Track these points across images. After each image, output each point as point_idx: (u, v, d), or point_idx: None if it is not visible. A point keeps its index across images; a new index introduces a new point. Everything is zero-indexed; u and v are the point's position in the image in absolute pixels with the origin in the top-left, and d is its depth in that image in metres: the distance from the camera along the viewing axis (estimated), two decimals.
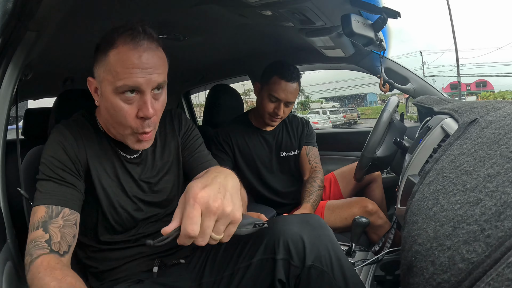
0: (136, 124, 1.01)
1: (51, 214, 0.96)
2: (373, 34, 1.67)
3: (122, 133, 1.05)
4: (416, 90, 2.12)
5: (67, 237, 0.97)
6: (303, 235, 1.00)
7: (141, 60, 0.96)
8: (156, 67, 0.99)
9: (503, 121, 0.68)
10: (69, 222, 0.98)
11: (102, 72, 0.99)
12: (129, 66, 0.95)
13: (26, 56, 1.13)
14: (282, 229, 1.03)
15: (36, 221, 0.94)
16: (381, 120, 1.66)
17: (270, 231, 1.04)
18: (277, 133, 2.09)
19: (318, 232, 1.03)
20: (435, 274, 0.49)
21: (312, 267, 0.98)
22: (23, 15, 1.01)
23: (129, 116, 1.00)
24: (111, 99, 0.98)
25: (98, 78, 1.02)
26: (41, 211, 0.95)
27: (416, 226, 0.64)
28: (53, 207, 0.97)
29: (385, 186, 2.29)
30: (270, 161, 2.06)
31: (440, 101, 1.45)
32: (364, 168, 1.70)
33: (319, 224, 1.06)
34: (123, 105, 0.98)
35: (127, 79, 0.95)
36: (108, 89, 0.98)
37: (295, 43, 2.29)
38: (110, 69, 0.96)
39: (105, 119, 1.09)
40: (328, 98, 43.14)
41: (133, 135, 1.05)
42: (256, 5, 1.43)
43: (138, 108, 1.00)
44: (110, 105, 0.99)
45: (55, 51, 1.80)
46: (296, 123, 2.17)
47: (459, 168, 0.65)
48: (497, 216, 0.45)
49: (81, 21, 1.52)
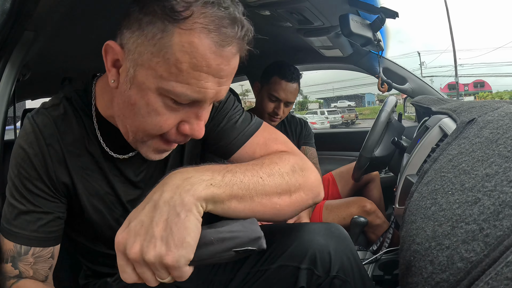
0: (170, 134, 0.74)
1: (19, 251, 0.81)
2: (371, 34, 1.68)
3: (141, 139, 0.76)
4: (414, 90, 2.13)
5: (41, 271, 0.84)
6: (329, 246, 0.98)
7: (222, 67, 0.67)
8: (229, 78, 0.73)
9: (501, 120, 0.68)
10: (42, 258, 0.84)
11: (149, 53, 0.65)
12: (204, 71, 0.65)
13: (24, 56, 1.12)
14: (309, 239, 0.99)
15: (5, 253, 0.81)
16: (379, 120, 1.66)
17: (296, 240, 1.01)
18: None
19: (342, 243, 1.01)
20: (434, 274, 0.49)
21: (336, 277, 0.96)
22: (20, 14, 1.01)
23: (167, 126, 0.71)
24: (149, 97, 0.68)
25: (132, 54, 0.68)
26: (9, 244, 0.81)
27: (414, 225, 0.64)
28: (21, 246, 0.81)
29: (383, 186, 2.29)
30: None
31: (438, 101, 1.45)
32: (362, 168, 1.71)
33: (343, 235, 1.02)
34: (165, 111, 0.69)
35: (192, 89, 0.66)
36: (152, 82, 0.66)
37: (293, 43, 2.29)
38: (169, 59, 0.63)
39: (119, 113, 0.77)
40: (329, 99, 43.18)
41: (154, 141, 0.76)
42: (254, 5, 1.43)
43: (182, 119, 0.72)
44: (144, 103, 0.69)
45: (53, 51, 1.79)
46: (294, 123, 2.18)
47: (457, 167, 0.65)
48: (495, 215, 0.45)
49: (79, 21, 1.52)
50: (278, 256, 0.99)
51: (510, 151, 0.54)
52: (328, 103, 41.92)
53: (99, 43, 1.01)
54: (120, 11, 0.82)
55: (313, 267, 0.96)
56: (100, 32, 1.75)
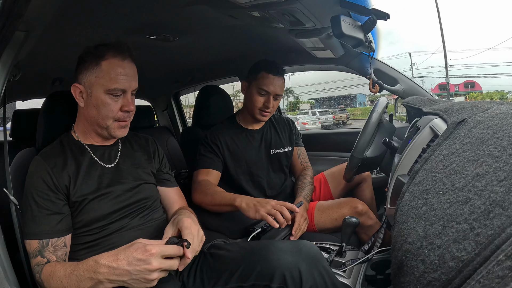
0: (119, 115, 1.26)
1: (43, 245, 1.14)
2: (363, 35, 1.68)
3: (106, 125, 1.26)
4: (405, 91, 2.14)
5: (60, 256, 1.16)
6: (299, 265, 1.06)
7: (126, 71, 1.24)
8: (134, 76, 1.29)
9: (491, 121, 0.69)
10: (58, 247, 1.16)
11: (94, 77, 1.21)
12: (119, 74, 1.22)
13: (15, 57, 1.11)
14: (276, 258, 1.09)
15: (33, 251, 1.14)
16: (370, 121, 1.66)
17: (264, 260, 1.11)
18: (264, 132, 2.12)
19: (312, 261, 1.09)
20: (425, 273, 0.50)
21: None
22: (11, 15, 1.00)
23: (115, 109, 1.25)
24: (102, 97, 1.22)
25: (87, 83, 1.22)
26: (34, 244, 1.14)
27: (406, 225, 0.64)
28: (43, 241, 1.14)
29: (375, 186, 2.30)
30: (260, 159, 2.07)
31: (429, 102, 1.46)
32: (353, 169, 1.71)
33: (313, 252, 1.12)
34: (111, 101, 1.23)
35: (118, 84, 1.22)
36: (100, 90, 1.21)
37: (285, 44, 2.29)
38: (104, 75, 1.20)
39: (90, 119, 1.28)
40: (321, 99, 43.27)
41: (115, 123, 1.27)
42: (246, 6, 1.43)
43: (122, 104, 1.25)
44: (101, 102, 1.22)
45: (44, 52, 1.78)
46: (282, 122, 2.22)
47: (448, 167, 0.66)
48: (486, 215, 0.45)
49: (70, 21, 1.51)
50: (248, 275, 1.11)
51: (500, 151, 0.55)
52: (319, 104, 42.06)
53: (90, 44, 1.02)
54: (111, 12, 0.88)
55: (284, 286, 1.05)
56: (91, 33, 1.74)
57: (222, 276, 1.17)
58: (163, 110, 3.83)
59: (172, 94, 3.70)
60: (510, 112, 0.71)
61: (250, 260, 1.12)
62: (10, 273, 1.07)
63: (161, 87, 3.51)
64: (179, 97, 3.84)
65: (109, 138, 1.34)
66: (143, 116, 3.33)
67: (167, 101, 3.74)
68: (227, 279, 1.15)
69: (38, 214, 1.15)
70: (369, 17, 1.62)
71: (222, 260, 1.23)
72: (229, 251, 1.26)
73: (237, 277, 1.13)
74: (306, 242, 1.16)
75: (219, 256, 1.25)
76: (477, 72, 66.46)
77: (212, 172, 1.90)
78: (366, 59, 2.13)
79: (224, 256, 1.25)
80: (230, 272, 1.16)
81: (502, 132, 0.61)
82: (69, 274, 1.03)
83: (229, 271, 1.16)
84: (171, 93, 3.69)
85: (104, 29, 1.69)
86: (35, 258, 1.13)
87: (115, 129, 1.28)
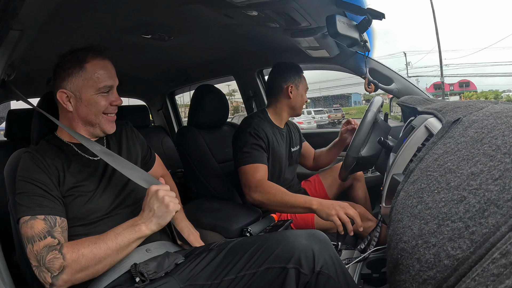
0: (109, 109, 1.34)
1: (50, 224, 1.13)
2: (358, 35, 1.69)
3: (98, 120, 1.33)
4: (400, 90, 2.15)
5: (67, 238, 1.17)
6: (313, 246, 1.12)
7: (109, 68, 1.33)
8: (115, 72, 1.36)
9: (486, 120, 0.69)
10: (64, 228, 1.17)
11: (82, 81, 1.28)
12: (104, 72, 1.30)
13: (9, 56, 1.11)
14: (292, 241, 1.15)
15: (40, 233, 1.10)
16: (366, 120, 1.67)
17: (281, 244, 1.16)
18: (286, 131, 2.22)
19: (324, 244, 1.15)
20: (421, 271, 0.50)
21: (320, 273, 1.09)
22: (6, 14, 0.99)
23: (106, 104, 1.32)
24: (94, 97, 1.29)
25: (74, 87, 1.28)
26: (39, 224, 1.11)
27: (401, 224, 0.64)
28: (50, 217, 1.14)
29: (370, 185, 2.31)
30: (286, 155, 2.16)
31: (423, 101, 1.47)
32: (349, 168, 1.72)
33: (325, 239, 1.18)
34: (101, 99, 1.31)
35: (106, 81, 1.30)
36: (91, 91, 1.29)
37: (280, 44, 2.29)
38: (92, 77, 1.28)
39: (82, 120, 1.33)
40: (315, 99, 43.29)
41: (104, 117, 1.34)
42: (241, 5, 1.43)
43: (111, 99, 1.33)
44: (93, 101, 1.30)
45: (39, 51, 1.77)
46: (290, 123, 2.34)
47: (443, 166, 0.66)
48: (481, 213, 0.45)
49: (65, 21, 1.50)
50: (265, 259, 1.14)
51: (494, 150, 0.55)
52: (314, 103, 42.09)
53: (85, 42, 1.01)
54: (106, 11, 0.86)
55: (299, 266, 1.10)
56: (86, 33, 1.73)
57: (237, 264, 1.19)
58: (158, 110, 3.83)
59: (167, 94, 3.70)
60: (504, 111, 0.72)
61: (267, 245, 1.16)
62: (5, 274, 1.07)
63: (156, 87, 3.50)
64: (174, 96, 3.84)
65: (99, 135, 1.39)
66: (138, 116, 3.32)
67: (162, 101, 3.74)
68: (242, 266, 1.17)
69: (37, 195, 1.16)
70: (364, 16, 1.63)
71: (234, 250, 1.24)
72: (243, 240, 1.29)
73: (252, 263, 1.16)
74: (318, 231, 1.21)
75: (231, 247, 1.26)
76: (472, 71, 66.78)
77: (265, 168, 1.93)
78: (361, 59, 2.13)
79: (237, 245, 1.26)
80: (248, 259, 1.18)
81: (497, 131, 0.61)
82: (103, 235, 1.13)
83: (246, 258, 1.19)
84: (166, 92, 3.68)
85: (99, 28, 1.69)
86: (43, 240, 1.10)
87: (106, 124, 1.35)
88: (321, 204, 1.55)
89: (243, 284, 1.14)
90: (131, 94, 3.72)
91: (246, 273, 1.15)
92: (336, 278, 1.09)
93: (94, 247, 1.09)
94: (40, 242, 1.09)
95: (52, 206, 1.16)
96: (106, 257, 1.10)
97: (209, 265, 1.22)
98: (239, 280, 1.15)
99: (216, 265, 1.21)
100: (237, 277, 1.15)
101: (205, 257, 1.25)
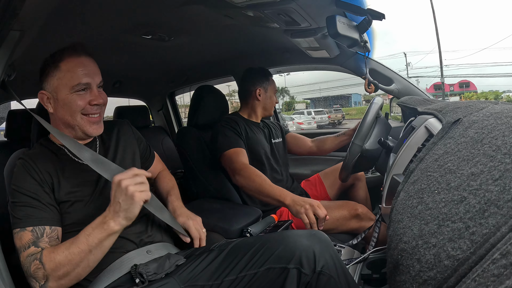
0: (89, 110, 1.27)
1: (37, 235, 1.12)
2: (358, 35, 1.69)
3: (77, 121, 1.27)
4: (400, 91, 2.15)
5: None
6: (314, 246, 1.12)
7: (85, 65, 1.26)
8: (95, 70, 1.29)
9: (486, 120, 0.69)
10: (52, 238, 1.15)
11: (56, 80, 1.24)
12: (79, 70, 1.24)
13: (9, 56, 1.11)
14: (293, 241, 1.14)
15: (26, 244, 1.11)
16: (370, 110, 1.71)
17: (284, 242, 1.15)
18: (263, 124, 2.30)
19: (324, 244, 1.15)
20: (421, 272, 0.50)
21: (321, 273, 1.08)
22: (6, 14, 0.99)
23: (83, 104, 1.25)
24: (69, 97, 1.24)
25: (51, 88, 1.26)
26: (27, 236, 1.12)
27: (401, 224, 0.64)
28: (37, 228, 1.14)
29: (370, 186, 2.31)
30: (268, 145, 2.20)
31: (424, 102, 1.47)
32: (353, 159, 1.72)
33: (326, 239, 1.18)
34: (77, 98, 1.25)
35: (80, 79, 1.24)
36: (65, 90, 1.24)
37: (280, 44, 2.29)
38: (65, 75, 1.23)
39: (62, 121, 1.29)
40: (315, 99, 43.34)
41: (83, 118, 1.28)
42: (241, 6, 1.43)
43: (89, 99, 1.27)
44: (68, 101, 1.24)
45: (39, 51, 1.77)
46: (268, 119, 2.50)
47: (443, 167, 0.66)
48: (481, 214, 0.45)
49: (65, 21, 1.50)
50: (266, 259, 1.14)
51: (495, 151, 0.55)
52: (314, 104, 42.13)
53: (85, 42, 1.00)
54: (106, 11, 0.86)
55: (300, 267, 1.09)
56: (86, 33, 1.73)
57: (238, 264, 1.18)
58: (158, 110, 3.83)
59: (167, 94, 3.70)
60: (504, 111, 0.72)
61: (269, 246, 1.16)
62: (5, 274, 1.07)
63: (156, 87, 3.50)
64: (175, 97, 3.84)
65: (85, 137, 1.35)
66: (138, 116, 3.31)
67: (162, 101, 3.74)
68: (243, 267, 1.17)
69: (28, 206, 1.16)
70: (364, 17, 1.63)
71: (234, 251, 1.23)
72: (244, 241, 1.28)
73: (253, 263, 1.15)
74: (319, 232, 1.22)
75: (232, 248, 1.25)
76: (472, 72, 66.75)
77: (244, 152, 1.98)
78: (361, 59, 2.13)
79: (238, 245, 1.25)
80: (248, 259, 1.18)
81: (497, 132, 0.61)
82: (75, 238, 1.09)
83: (247, 258, 1.18)
84: (166, 93, 3.68)
85: (99, 28, 1.68)
86: (27, 250, 1.10)
87: (86, 126, 1.29)
88: (294, 200, 1.58)
89: (244, 285, 1.14)
90: (131, 94, 3.71)
91: (247, 274, 1.14)
92: (337, 278, 1.09)
93: (68, 253, 1.07)
94: (24, 252, 1.10)
95: (42, 216, 1.15)
96: (82, 260, 1.07)
97: (210, 265, 1.21)
98: (240, 281, 1.14)
99: (216, 265, 1.20)
100: (238, 278, 1.15)
101: (206, 258, 1.24)
